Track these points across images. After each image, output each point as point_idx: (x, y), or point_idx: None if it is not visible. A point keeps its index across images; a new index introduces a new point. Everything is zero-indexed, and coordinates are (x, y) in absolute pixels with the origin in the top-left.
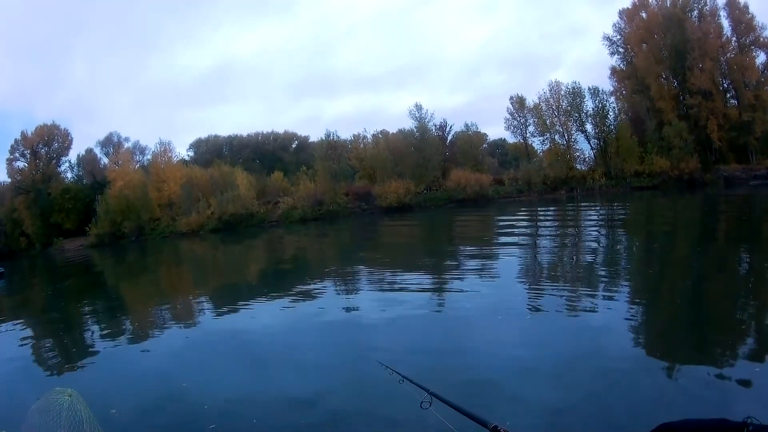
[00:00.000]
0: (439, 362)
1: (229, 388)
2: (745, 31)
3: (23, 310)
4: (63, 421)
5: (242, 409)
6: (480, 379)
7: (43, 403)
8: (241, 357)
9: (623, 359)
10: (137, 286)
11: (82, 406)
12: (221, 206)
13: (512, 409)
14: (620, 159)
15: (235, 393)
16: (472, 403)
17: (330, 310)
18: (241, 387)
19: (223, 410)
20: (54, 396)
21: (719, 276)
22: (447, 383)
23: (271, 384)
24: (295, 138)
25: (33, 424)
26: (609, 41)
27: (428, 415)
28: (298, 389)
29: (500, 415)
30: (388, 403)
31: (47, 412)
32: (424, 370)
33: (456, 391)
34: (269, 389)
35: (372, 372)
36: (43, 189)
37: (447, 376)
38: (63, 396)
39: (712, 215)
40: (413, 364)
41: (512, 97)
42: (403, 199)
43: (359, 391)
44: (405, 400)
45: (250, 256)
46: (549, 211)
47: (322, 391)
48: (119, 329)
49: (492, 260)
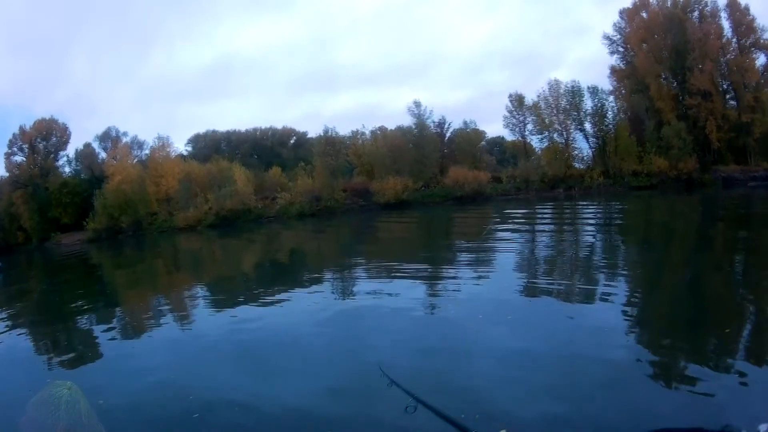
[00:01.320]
0: (431, 363)
1: (221, 384)
2: (745, 32)
3: (19, 303)
4: (62, 414)
5: (225, 407)
6: (473, 379)
7: (42, 396)
8: (235, 359)
9: (619, 361)
10: (134, 281)
11: (81, 399)
12: (219, 201)
13: (503, 410)
14: (618, 158)
15: (223, 388)
16: (465, 402)
17: (325, 308)
18: (226, 384)
19: (213, 404)
20: (53, 389)
21: (717, 275)
22: (439, 384)
23: (266, 384)
24: (294, 134)
25: (32, 416)
26: (609, 40)
27: (415, 419)
28: (284, 388)
29: (491, 415)
30: (373, 406)
31: (46, 404)
32: (418, 370)
33: (448, 393)
34: (264, 391)
35: (362, 372)
36: (40, 183)
37: (439, 377)
38: (62, 389)
39: (711, 215)
40: (407, 364)
41: (511, 95)
42: (401, 195)
43: (347, 392)
44: (390, 404)
45: (247, 251)
46: (546, 209)
47: (308, 391)
48: (115, 324)
49: (489, 258)
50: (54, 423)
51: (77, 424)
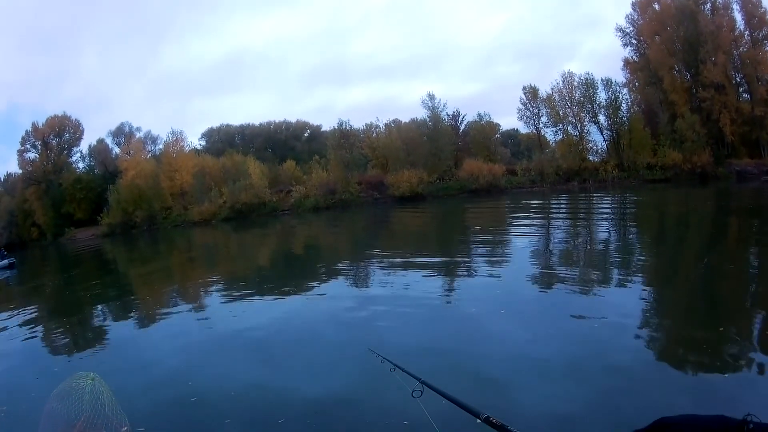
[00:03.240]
0: (443, 359)
1: (232, 374)
2: (758, 25)
3: (33, 298)
4: (85, 405)
5: (235, 395)
6: (484, 372)
7: (65, 387)
8: (247, 349)
9: (633, 356)
10: (148, 276)
11: (105, 390)
12: (233, 195)
13: (513, 400)
14: (633, 151)
15: (235, 377)
16: (471, 395)
17: (339, 301)
18: (244, 377)
19: (222, 394)
20: (76, 380)
21: (732, 269)
22: (452, 377)
23: (278, 377)
24: (308, 127)
25: (54, 407)
26: (622, 33)
27: (420, 404)
28: (294, 380)
29: (501, 407)
30: (378, 392)
31: (69, 396)
32: (430, 366)
33: (460, 384)
34: (276, 383)
35: (365, 360)
36: (54, 179)
37: (451, 371)
38: (86, 380)
39: (725, 208)
40: (419, 359)
41: (525, 88)
42: (416, 188)
43: (354, 380)
44: (397, 389)
45: (261, 245)
46: (561, 201)
47: (317, 381)
48: (129, 318)
49: (504, 250)
50: (77, 413)
51: (101, 414)
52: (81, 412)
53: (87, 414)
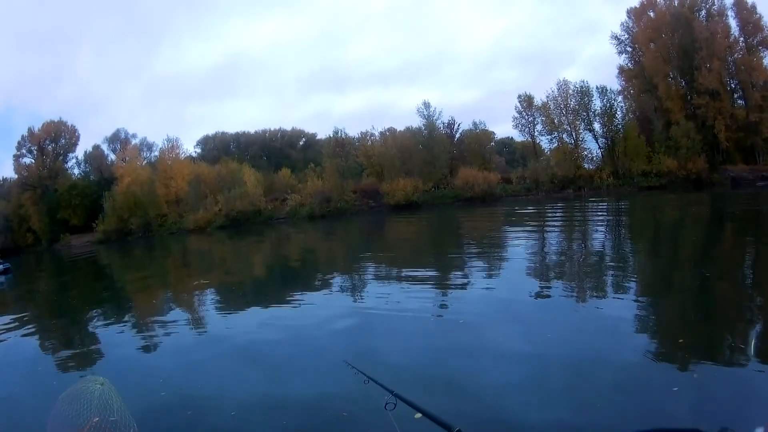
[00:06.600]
0: (441, 368)
1: (226, 386)
2: (752, 31)
3: (27, 304)
4: (94, 409)
5: (230, 407)
6: (484, 385)
7: (74, 391)
8: (236, 356)
9: (630, 362)
10: (143, 283)
11: (114, 395)
12: (228, 203)
13: (516, 416)
14: (628, 158)
15: (229, 389)
16: (476, 409)
17: (334, 311)
18: (233, 386)
19: (217, 406)
20: (85, 384)
21: (728, 274)
22: (450, 390)
23: (276, 387)
24: (303, 135)
25: (62, 411)
26: (617, 40)
27: (391, 416)
28: (277, 390)
29: (503, 421)
30: (351, 404)
31: (77, 400)
32: (429, 376)
33: (460, 399)
34: (273, 392)
35: (342, 371)
36: (49, 185)
37: (450, 383)
38: (95, 384)
39: (721, 214)
40: (417, 369)
41: (520, 96)
42: (411, 197)
43: (327, 391)
44: (370, 401)
45: (256, 253)
46: (557, 209)
47: (313, 393)
48: (124, 326)
49: (498, 259)
50: (86, 418)
51: (109, 419)
52: (90, 416)
53: (96, 418)
